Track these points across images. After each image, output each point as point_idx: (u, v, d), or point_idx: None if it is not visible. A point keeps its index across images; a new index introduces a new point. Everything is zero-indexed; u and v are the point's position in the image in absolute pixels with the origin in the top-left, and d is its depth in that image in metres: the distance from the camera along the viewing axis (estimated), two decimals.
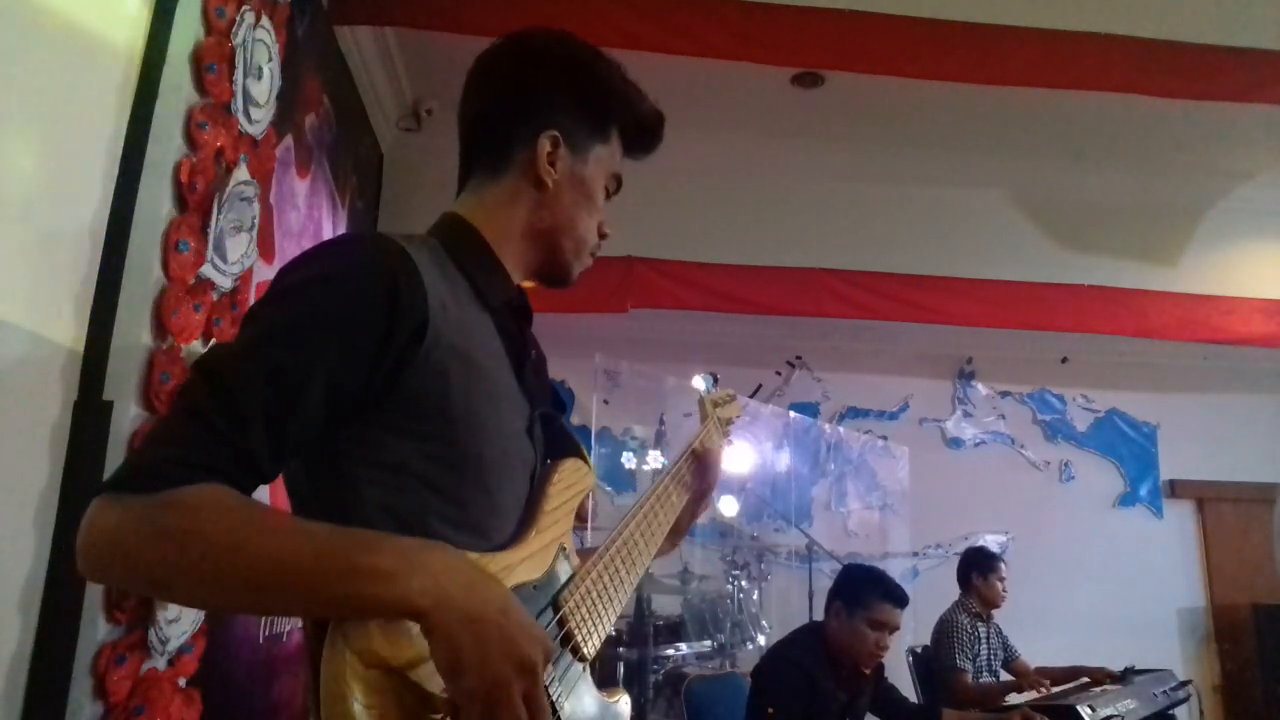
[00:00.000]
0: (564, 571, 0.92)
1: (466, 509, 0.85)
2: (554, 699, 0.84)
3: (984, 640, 3.66)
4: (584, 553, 0.99)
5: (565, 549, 0.94)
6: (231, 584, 0.70)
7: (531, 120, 0.97)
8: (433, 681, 0.73)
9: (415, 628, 0.71)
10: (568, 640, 0.89)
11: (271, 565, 0.69)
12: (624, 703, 1.00)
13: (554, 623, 0.87)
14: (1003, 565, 3.76)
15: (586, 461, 1.04)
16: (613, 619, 0.97)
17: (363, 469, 0.82)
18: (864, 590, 2.44)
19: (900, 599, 2.45)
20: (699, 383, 1.42)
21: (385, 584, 0.69)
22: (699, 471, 1.24)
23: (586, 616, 0.92)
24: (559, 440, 1.02)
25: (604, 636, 0.95)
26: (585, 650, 0.91)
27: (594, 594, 0.94)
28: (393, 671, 0.71)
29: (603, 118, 1.02)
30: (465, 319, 0.87)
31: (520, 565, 0.85)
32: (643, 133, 1.06)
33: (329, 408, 0.78)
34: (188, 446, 0.71)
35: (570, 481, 0.99)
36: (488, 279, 0.93)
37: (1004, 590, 3.71)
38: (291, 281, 0.81)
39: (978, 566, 3.76)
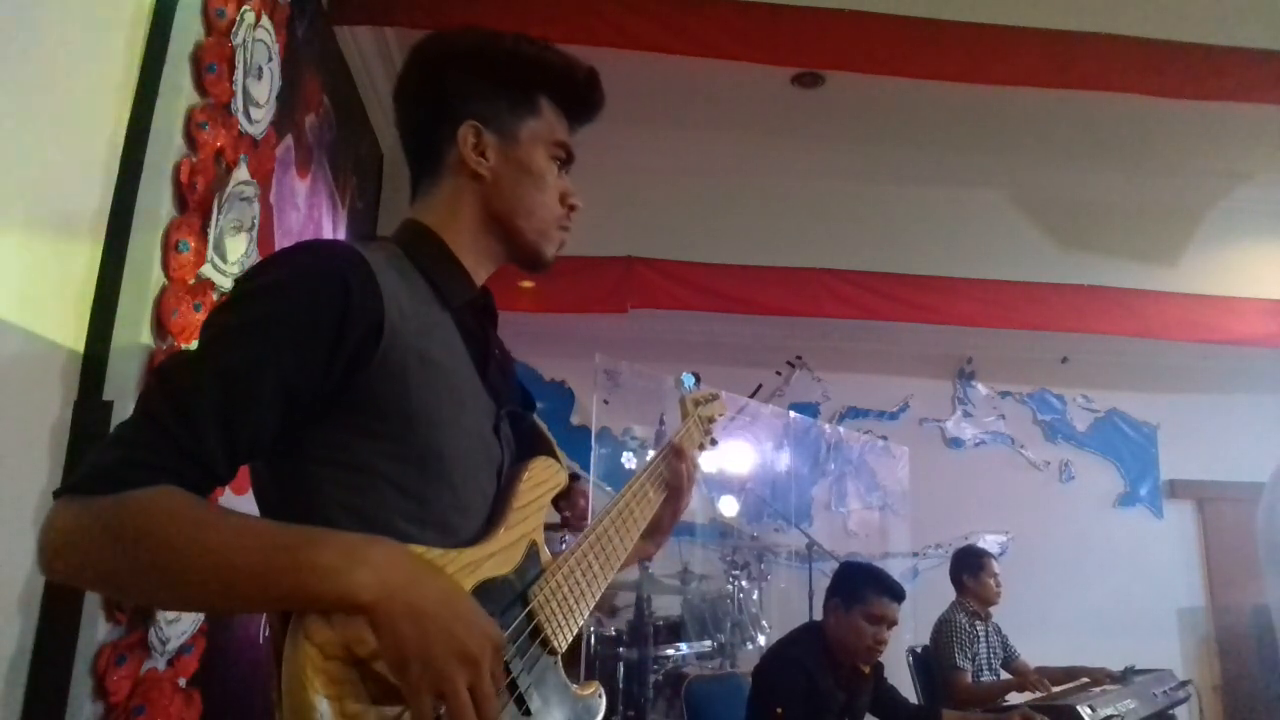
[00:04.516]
0: (534, 567, 0.94)
1: (430, 507, 0.86)
2: (522, 691, 0.85)
3: (982, 639, 3.66)
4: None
5: (536, 544, 0.95)
6: (182, 582, 0.72)
7: (449, 117, 0.98)
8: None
9: None
10: (537, 634, 0.90)
11: (220, 564, 0.71)
12: (597, 695, 1.00)
13: (523, 616, 0.89)
14: (994, 562, 3.75)
15: (558, 459, 1.04)
16: (585, 613, 0.98)
17: (326, 469, 0.83)
18: (859, 585, 2.44)
19: (896, 592, 2.44)
20: (681, 381, 1.41)
21: (328, 579, 0.71)
22: (676, 470, 1.23)
23: (557, 610, 0.93)
24: (531, 438, 1.02)
25: (575, 630, 0.96)
26: (556, 643, 0.92)
27: (565, 588, 0.95)
28: (353, 663, 0.72)
29: (522, 91, 1.00)
30: (425, 320, 0.88)
31: (488, 561, 0.87)
32: (575, 94, 1.03)
33: (285, 409, 0.79)
34: (142, 449, 0.74)
35: (541, 479, 0.99)
36: (447, 280, 0.94)
37: (998, 586, 3.70)
38: (246, 288, 0.83)
39: (967, 567, 3.76)
